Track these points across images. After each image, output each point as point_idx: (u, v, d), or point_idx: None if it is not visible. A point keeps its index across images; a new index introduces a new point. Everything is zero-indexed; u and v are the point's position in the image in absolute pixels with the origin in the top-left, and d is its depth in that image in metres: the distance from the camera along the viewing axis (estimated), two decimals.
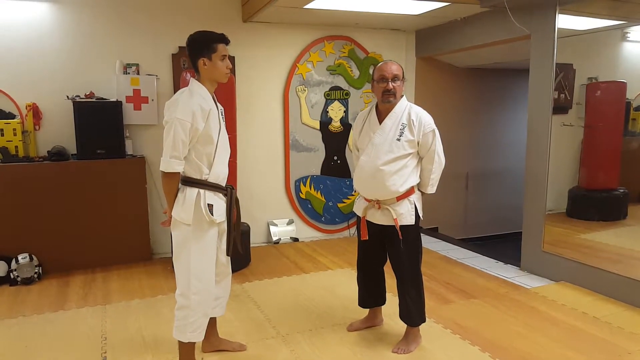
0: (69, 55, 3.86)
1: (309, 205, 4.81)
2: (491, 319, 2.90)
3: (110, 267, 3.81)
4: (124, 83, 3.91)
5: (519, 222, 3.92)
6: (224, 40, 2.16)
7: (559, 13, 3.44)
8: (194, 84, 2.15)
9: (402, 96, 2.43)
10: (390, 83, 2.34)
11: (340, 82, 4.77)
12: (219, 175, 2.19)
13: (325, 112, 4.75)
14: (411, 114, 2.39)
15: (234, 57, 4.32)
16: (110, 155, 3.78)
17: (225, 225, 2.25)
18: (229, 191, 2.24)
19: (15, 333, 2.73)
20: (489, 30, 4.11)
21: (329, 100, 4.74)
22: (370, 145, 2.41)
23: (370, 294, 2.71)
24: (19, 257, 3.49)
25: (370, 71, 4.90)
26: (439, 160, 2.47)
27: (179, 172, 2.11)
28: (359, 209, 2.53)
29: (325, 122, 4.76)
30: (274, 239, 4.63)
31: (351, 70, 4.81)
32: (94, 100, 3.76)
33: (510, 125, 5.76)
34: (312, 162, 4.75)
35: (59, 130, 3.83)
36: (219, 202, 2.19)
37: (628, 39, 3.83)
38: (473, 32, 4.30)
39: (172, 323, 2.25)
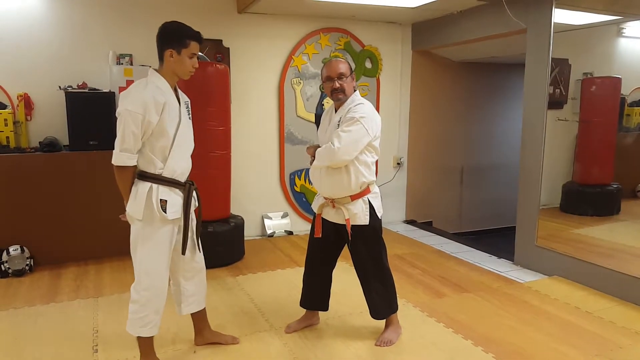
0: (61, 45, 3.80)
1: (304, 199, 4.80)
2: (484, 313, 2.91)
3: (102, 260, 3.78)
4: (117, 74, 3.86)
5: (512, 217, 3.93)
6: (199, 39, 2.09)
7: (556, 7, 3.43)
8: (152, 75, 2.07)
9: (354, 91, 2.40)
10: (336, 82, 2.34)
11: None
12: (176, 170, 2.10)
13: (320, 104, 4.72)
14: (354, 106, 2.33)
15: (228, 48, 4.29)
16: (102, 147, 3.73)
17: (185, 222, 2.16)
18: (187, 187, 2.15)
19: (5, 325, 2.71)
20: (485, 24, 4.10)
21: (324, 93, 4.71)
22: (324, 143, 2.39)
23: (314, 295, 2.65)
24: (10, 249, 3.46)
25: (367, 64, 4.89)
26: (332, 145, 2.25)
27: (133, 166, 2.03)
28: (315, 206, 2.52)
29: (320, 115, 4.72)
30: (269, 232, 4.61)
31: None
32: (86, 90, 3.71)
33: (505, 120, 5.77)
34: (307, 155, 4.72)
35: (51, 121, 3.78)
36: (175, 198, 2.10)
37: (623, 34, 3.83)
38: (469, 25, 4.28)
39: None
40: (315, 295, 2.66)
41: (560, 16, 3.46)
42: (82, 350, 2.43)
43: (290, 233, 4.68)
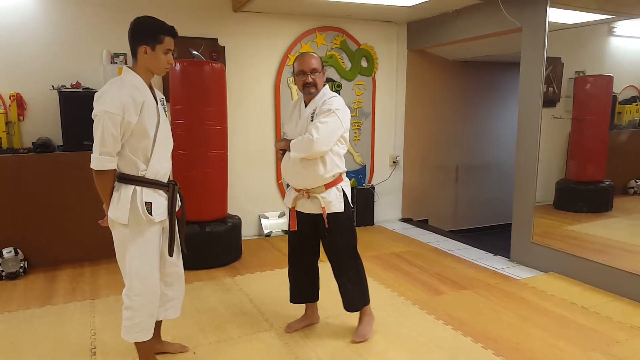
0: (54, 44, 3.75)
1: None
2: (482, 310, 2.93)
3: (98, 261, 3.74)
4: (111, 73, 3.81)
5: (508, 214, 3.96)
6: (173, 33, 2.03)
7: (550, 6, 3.46)
8: (127, 73, 2.01)
9: (324, 85, 2.44)
10: (309, 76, 2.37)
11: (332, 73, 4.74)
12: (159, 170, 2.05)
13: None
14: (328, 99, 2.37)
15: (224, 47, 4.27)
16: None
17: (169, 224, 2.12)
18: (170, 187, 2.10)
19: (0, 329, 2.67)
20: (480, 22, 4.12)
21: None
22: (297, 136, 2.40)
23: (303, 288, 2.66)
24: (4, 252, 3.41)
25: (362, 63, 4.89)
26: (310, 136, 2.27)
27: (113, 169, 1.98)
28: (288, 200, 2.53)
29: None
30: (266, 231, 4.60)
31: (343, 62, 4.78)
32: (80, 90, 3.67)
33: (500, 118, 5.81)
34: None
35: (44, 121, 3.73)
36: (159, 200, 2.05)
37: (614, 33, 3.88)
38: (464, 24, 4.31)
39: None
40: (304, 288, 2.67)
41: (554, 15, 3.49)
42: (80, 353, 2.41)
43: (287, 232, 4.66)
